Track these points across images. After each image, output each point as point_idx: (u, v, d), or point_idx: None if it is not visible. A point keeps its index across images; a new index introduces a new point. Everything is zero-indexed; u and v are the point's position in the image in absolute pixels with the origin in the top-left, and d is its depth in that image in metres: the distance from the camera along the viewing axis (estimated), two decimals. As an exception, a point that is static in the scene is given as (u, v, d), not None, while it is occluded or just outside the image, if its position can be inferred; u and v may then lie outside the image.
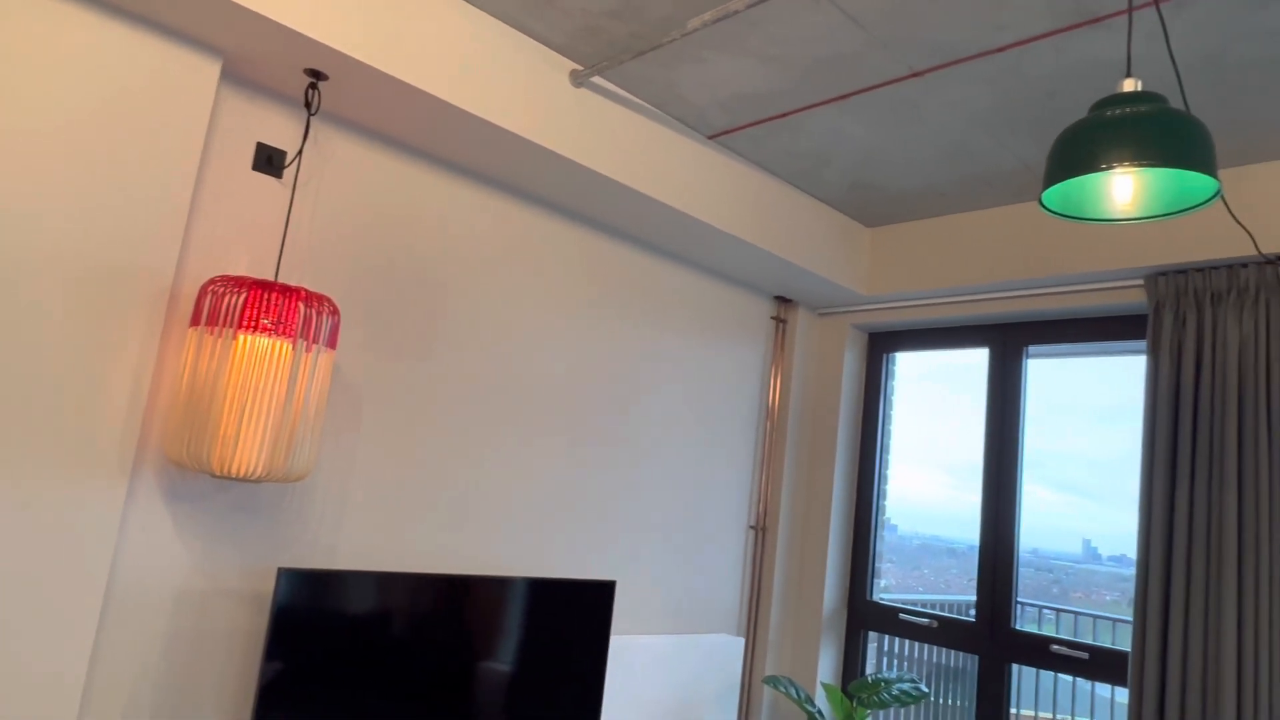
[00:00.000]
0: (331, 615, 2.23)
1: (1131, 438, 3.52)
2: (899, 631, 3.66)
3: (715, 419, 3.66)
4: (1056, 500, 3.62)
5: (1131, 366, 3.33)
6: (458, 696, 2.45)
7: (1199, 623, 2.64)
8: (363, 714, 2.26)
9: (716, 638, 3.51)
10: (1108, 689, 5.27)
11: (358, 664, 2.26)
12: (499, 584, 2.57)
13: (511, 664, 2.58)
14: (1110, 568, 5.01)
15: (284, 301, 2.08)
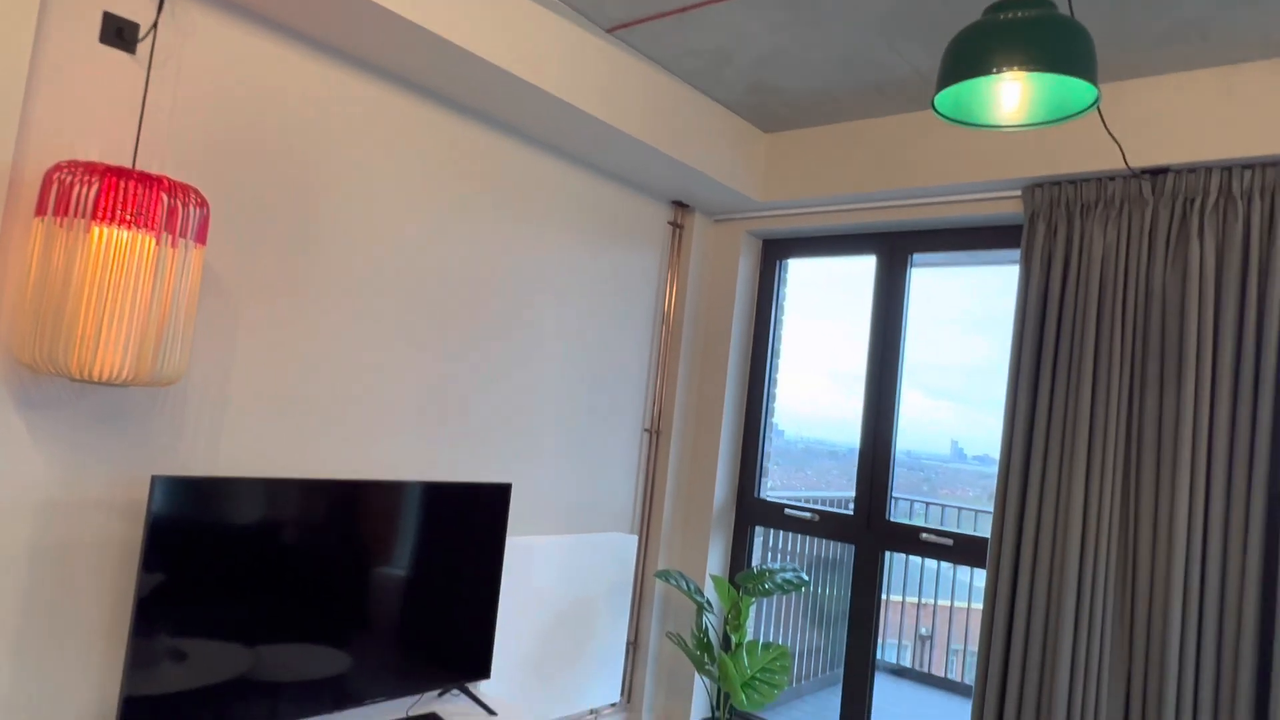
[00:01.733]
0: (214, 525, 2.15)
1: (999, 346, 3.74)
2: (783, 525, 3.85)
3: (611, 323, 3.66)
4: (929, 405, 3.83)
5: (1005, 277, 3.50)
6: (351, 604, 2.43)
7: (1050, 513, 2.88)
8: (252, 626, 2.22)
9: (611, 536, 3.61)
10: (968, 573, 5.75)
11: (245, 575, 2.21)
12: (392, 489, 2.54)
13: (407, 569, 2.57)
14: (974, 466, 5.41)
15: (144, 192, 1.91)
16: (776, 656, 3.40)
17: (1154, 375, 2.76)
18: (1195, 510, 2.63)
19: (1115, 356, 2.81)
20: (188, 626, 2.09)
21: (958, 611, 5.78)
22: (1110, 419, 2.80)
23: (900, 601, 5.88)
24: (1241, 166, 2.66)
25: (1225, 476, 2.61)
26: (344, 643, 2.42)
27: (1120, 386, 2.81)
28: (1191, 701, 2.58)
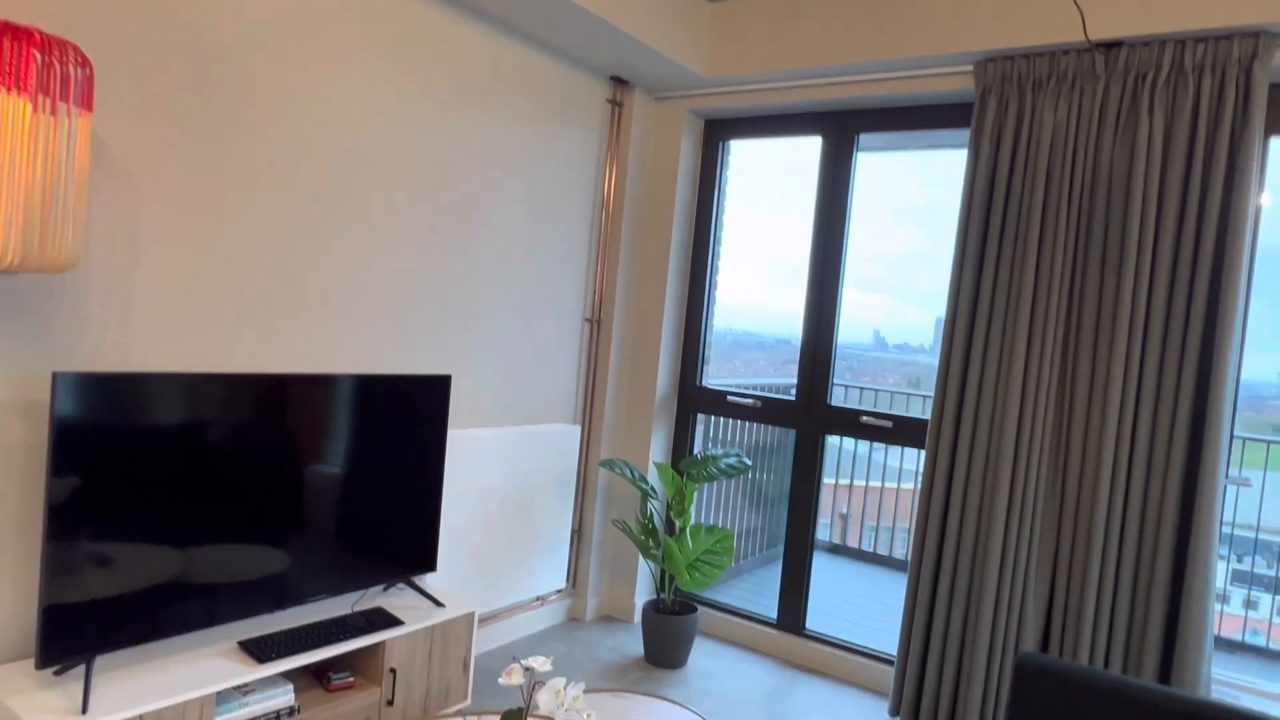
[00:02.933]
0: (129, 424, 1.99)
1: (929, 236, 3.72)
2: (725, 413, 3.86)
3: (550, 209, 3.49)
4: (854, 295, 3.82)
5: (946, 164, 3.44)
6: (286, 503, 2.33)
7: (990, 393, 2.93)
8: (179, 528, 2.10)
9: (553, 427, 3.56)
10: (882, 454, 5.94)
11: (168, 476, 2.07)
12: (324, 382, 2.40)
13: (344, 465, 2.47)
14: (894, 355, 5.52)
15: (14, 48, 1.66)
16: (720, 539, 3.46)
17: (1096, 256, 2.77)
18: (1128, 390, 2.70)
19: (1060, 237, 2.80)
20: (109, 531, 1.97)
21: (873, 491, 6.01)
22: (1052, 301, 2.82)
23: (833, 484, 6.08)
24: (1194, 40, 2.60)
25: (1158, 357, 2.67)
26: (280, 542, 2.33)
27: (1063, 268, 2.82)
28: (1114, 568, 2.72)
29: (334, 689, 2.36)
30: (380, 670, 2.42)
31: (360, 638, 2.35)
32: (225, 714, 2.07)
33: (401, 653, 2.46)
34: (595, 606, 3.90)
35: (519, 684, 1.57)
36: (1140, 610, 2.69)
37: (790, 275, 3.80)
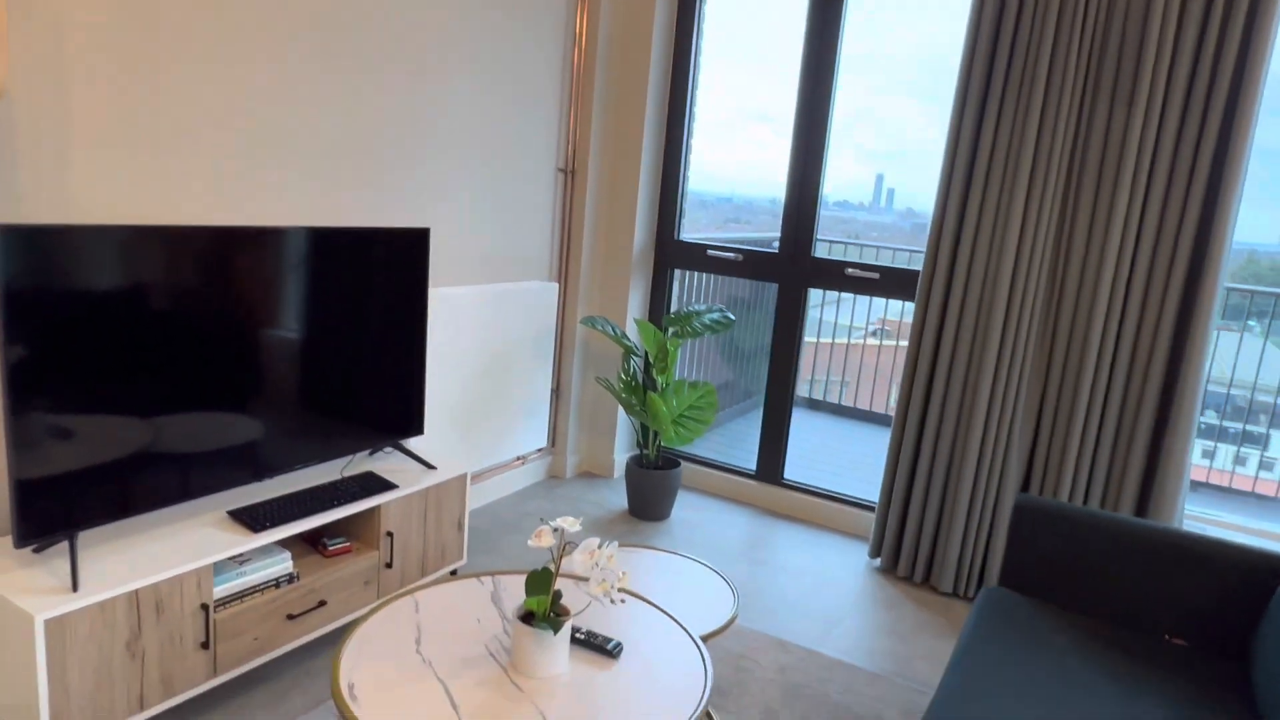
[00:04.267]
0: (84, 283, 1.78)
1: (870, 91, 3.54)
2: (705, 268, 3.74)
3: (519, 50, 3.19)
4: (841, 150, 3.66)
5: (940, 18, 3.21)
6: (260, 368, 2.17)
7: (986, 243, 2.86)
8: (142, 397, 1.94)
9: (530, 285, 3.41)
10: (849, 314, 5.95)
11: (130, 341, 1.88)
12: (301, 237, 2.19)
13: (323, 327, 2.30)
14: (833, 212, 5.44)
15: None
16: (703, 394, 3.43)
17: (1106, 91, 2.65)
18: (1129, 233, 2.66)
19: (1069, 73, 2.67)
20: (72, 401, 1.80)
21: (853, 349, 6.07)
22: (1056, 143, 2.71)
23: (814, 342, 6.12)
24: None
25: (1161, 199, 2.62)
26: (256, 409, 2.19)
27: (1070, 106, 2.69)
28: (1100, 412, 2.77)
29: (331, 554, 2.30)
30: (376, 534, 2.36)
31: (355, 503, 2.27)
32: (223, 584, 1.99)
33: (396, 516, 2.40)
34: (575, 464, 3.89)
35: (549, 545, 1.51)
36: (1122, 452, 2.77)
37: (769, 127, 3.61)
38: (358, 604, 2.33)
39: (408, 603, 1.78)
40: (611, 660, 1.63)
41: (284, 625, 2.12)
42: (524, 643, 1.53)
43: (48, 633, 1.63)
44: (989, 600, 2.13)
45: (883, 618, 2.86)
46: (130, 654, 1.78)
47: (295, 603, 2.14)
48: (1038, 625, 2.03)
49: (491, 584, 1.89)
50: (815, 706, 2.31)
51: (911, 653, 2.64)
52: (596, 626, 1.76)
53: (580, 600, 1.85)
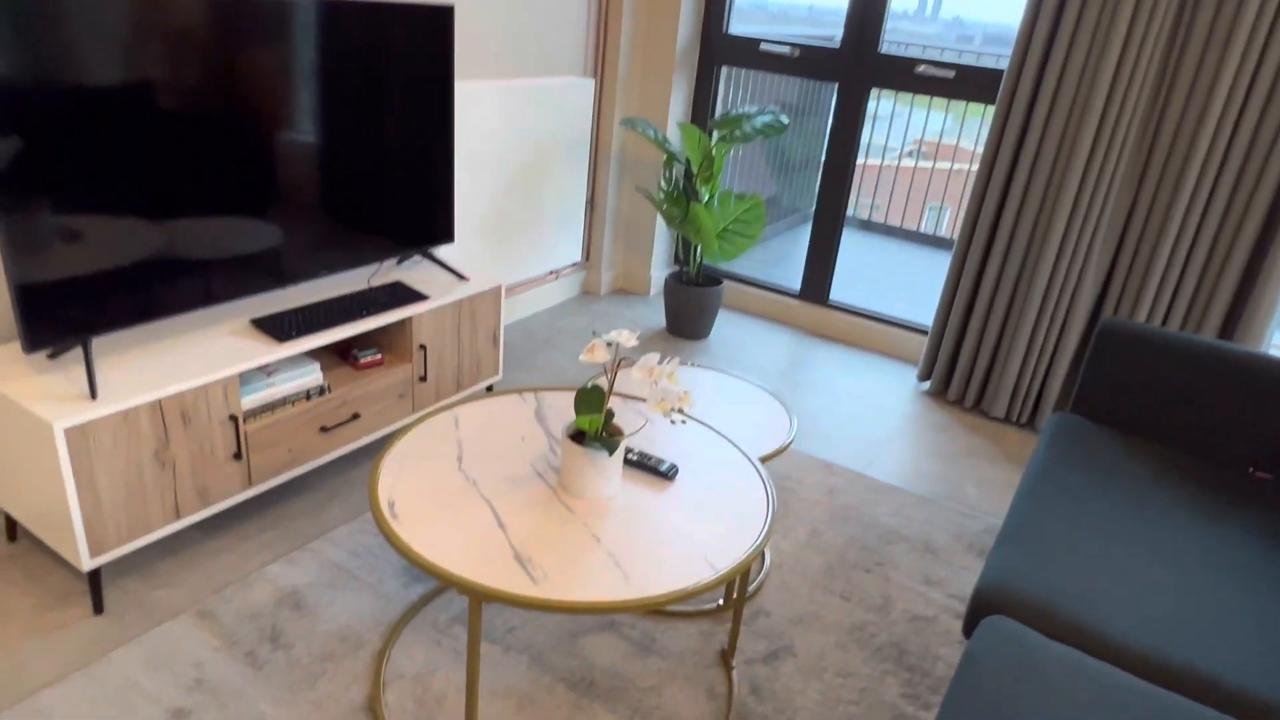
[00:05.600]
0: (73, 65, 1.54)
1: None
2: (756, 65, 3.38)
3: None
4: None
5: None
6: (281, 167, 1.95)
7: (1085, 41, 2.49)
8: (151, 199, 1.74)
9: (564, 80, 3.09)
10: (901, 134, 5.53)
11: (127, 131, 1.66)
12: (313, 9, 1.90)
13: (340, 122, 2.06)
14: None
15: None
16: (750, 207, 3.19)
17: None
18: (1254, 43, 2.28)
19: None
20: (70, 202, 1.61)
21: (870, 169, 5.69)
22: (1188, -93, 2.28)
23: (878, 166, 5.74)
24: None
25: (1306, -22, 2.23)
26: (274, 212, 2.00)
27: None
28: (1194, 230, 2.51)
29: (362, 367, 2.19)
30: (409, 347, 2.23)
31: (385, 313, 2.12)
32: (251, 395, 1.89)
33: (429, 328, 2.26)
34: (610, 280, 3.72)
35: (602, 361, 1.36)
36: (1212, 275, 2.53)
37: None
38: (393, 417, 2.24)
39: (446, 418, 1.66)
40: (666, 482, 1.53)
41: (317, 438, 2.04)
42: (575, 463, 1.42)
43: (69, 442, 1.54)
44: (1061, 427, 2.00)
45: (931, 441, 2.76)
46: (160, 464, 1.71)
47: (328, 415, 2.05)
48: (1113, 453, 1.90)
49: (534, 400, 1.77)
50: (863, 528, 2.25)
51: (961, 477, 2.56)
52: (649, 447, 1.64)
53: (632, 420, 1.73)
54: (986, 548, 2.21)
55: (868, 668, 1.77)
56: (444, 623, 1.78)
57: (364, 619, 1.76)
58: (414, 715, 1.54)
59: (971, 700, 1.17)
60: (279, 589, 1.81)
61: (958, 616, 1.95)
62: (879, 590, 2.02)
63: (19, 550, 1.85)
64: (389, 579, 1.88)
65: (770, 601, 1.94)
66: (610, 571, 1.27)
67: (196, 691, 1.55)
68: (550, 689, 1.63)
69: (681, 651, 1.76)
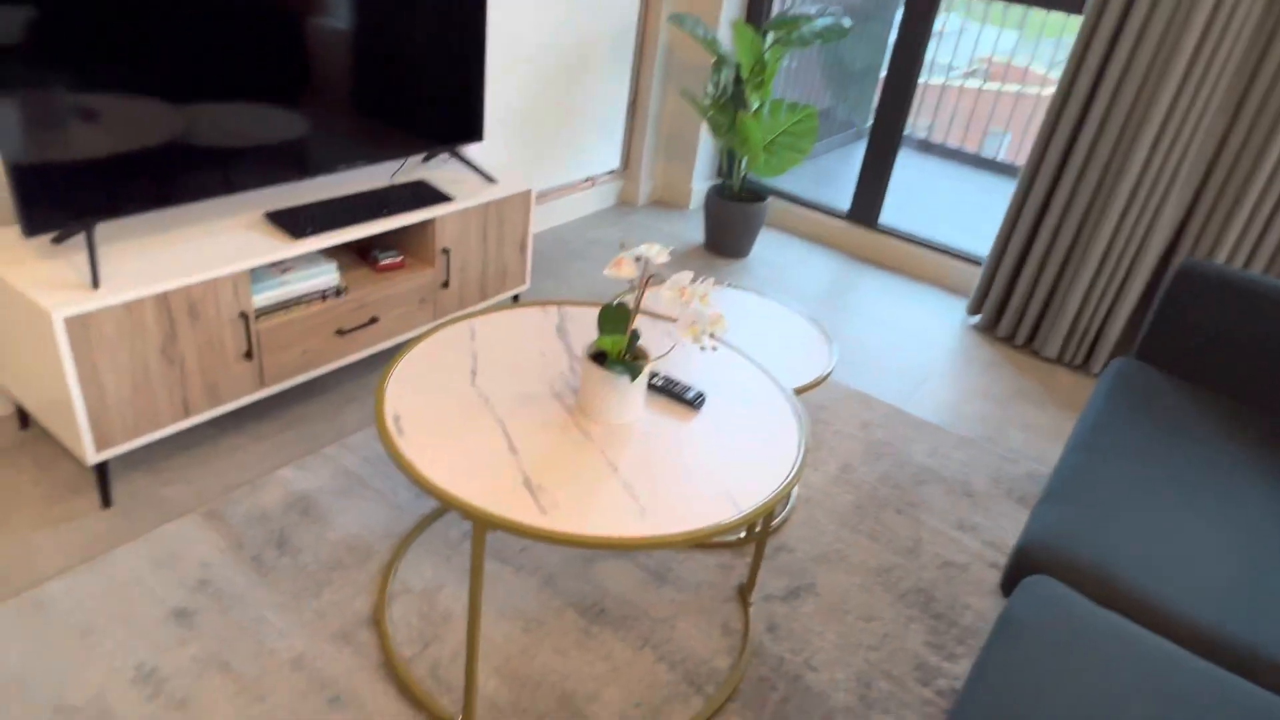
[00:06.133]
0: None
1: None
2: (819, -39, 3.10)
3: None
4: None
5: None
6: (297, 51, 1.81)
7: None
8: (171, 80, 1.62)
9: (610, -30, 2.86)
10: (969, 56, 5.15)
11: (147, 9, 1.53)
12: None
13: (364, 9, 1.90)
14: None
15: None
16: (802, 118, 2.98)
17: None
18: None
19: None
20: (78, 79, 1.50)
21: (931, 89, 5.34)
22: None
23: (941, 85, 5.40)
24: None
25: None
26: (294, 99, 1.87)
27: None
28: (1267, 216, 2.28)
29: (382, 269, 2.09)
30: (432, 250, 2.12)
31: (407, 213, 2.01)
32: (264, 293, 1.81)
33: (453, 231, 2.15)
34: (649, 190, 3.55)
35: (629, 277, 1.24)
36: (1307, 216, 2.31)
37: None
38: (413, 323, 2.15)
39: (463, 329, 1.57)
40: (692, 411, 1.42)
41: (333, 340, 1.96)
42: (594, 386, 1.32)
43: (70, 332, 1.47)
44: (1123, 373, 1.85)
45: (977, 379, 2.62)
46: (167, 360, 1.64)
47: (345, 318, 1.97)
48: (1179, 405, 1.76)
49: (557, 314, 1.66)
50: (897, 466, 2.14)
51: (1005, 418, 2.43)
52: (675, 373, 1.54)
53: (659, 342, 1.61)
54: (1027, 495, 2.10)
55: (891, 612, 1.70)
56: (455, 539, 1.72)
57: (374, 530, 1.71)
58: (418, 631, 1.50)
59: (1008, 665, 1.08)
60: (290, 493, 1.77)
61: (992, 566, 1.86)
62: (909, 532, 1.92)
63: (30, 438, 1.82)
64: (402, 489, 1.83)
65: (794, 537, 1.86)
66: (625, 505, 1.18)
67: (200, 592, 1.52)
68: (559, 613, 1.58)
69: (698, 584, 1.70)
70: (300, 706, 1.34)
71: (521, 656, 1.49)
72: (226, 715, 1.32)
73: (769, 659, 1.55)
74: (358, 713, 1.34)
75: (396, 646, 1.46)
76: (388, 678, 1.41)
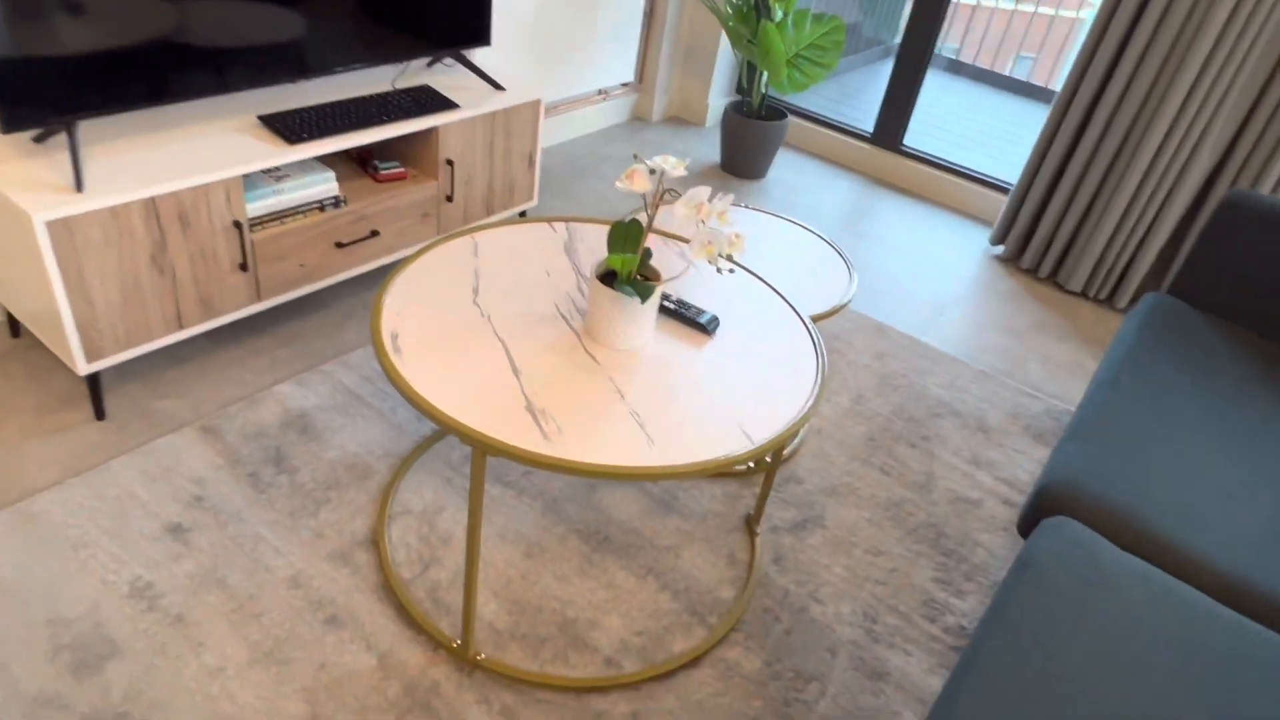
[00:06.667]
0: None
1: None
2: None
3: None
4: None
5: None
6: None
7: None
8: None
9: None
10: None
11: None
12: None
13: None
14: None
15: None
16: (829, 30, 2.81)
17: None
18: None
19: None
20: None
21: (989, 11, 5.09)
22: None
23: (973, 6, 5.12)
24: None
25: None
26: None
27: None
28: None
29: (383, 179, 2.00)
30: (435, 161, 2.02)
31: (409, 120, 1.90)
32: (258, 201, 1.72)
33: (458, 141, 2.04)
34: (663, 106, 3.41)
35: (642, 191, 1.16)
36: (1360, 148, 2.18)
37: None
38: (415, 238, 2.07)
39: (465, 244, 1.49)
40: (705, 337, 1.35)
41: (332, 253, 1.89)
42: (602, 307, 1.25)
43: (53, 236, 1.40)
44: (1155, 309, 1.77)
45: (997, 311, 2.53)
46: (158, 269, 1.57)
47: (343, 230, 1.89)
48: (1214, 343, 1.68)
49: (565, 231, 1.58)
50: (912, 399, 2.09)
51: (1026, 353, 2.36)
52: (687, 295, 1.46)
53: (672, 263, 1.54)
54: (1044, 432, 2.04)
55: (900, 547, 1.66)
56: (457, 460, 1.68)
57: (373, 449, 1.67)
58: (417, 552, 1.47)
59: (1026, 607, 1.04)
60: (287, 410, 1.72)
61: (1005, 503, 1.81)
62: (922, 466, 1.88)
63: (21, 346, 1.77)
64: (401, 409, 1.78)
65: (804, 468, 1.81)
66: (633, 433, 1.12)
67: (195, 508, 1.48)
68: (562, 539, 1.55)
69: (704, 513, 1.66)
70: (297, 624, 1.32)
71: (522, 581, 1.46)
72: (222, 632, 1.30)
73: (774, 590, 1.52)
74: (355, 632, 1.32)
75: (395, 568, 1.44)
76: (386, 599, 1.38)
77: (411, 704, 1.24)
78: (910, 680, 1.41)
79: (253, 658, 1.27)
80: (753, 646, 1.41)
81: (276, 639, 1.30)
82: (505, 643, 1.35)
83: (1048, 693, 0.94)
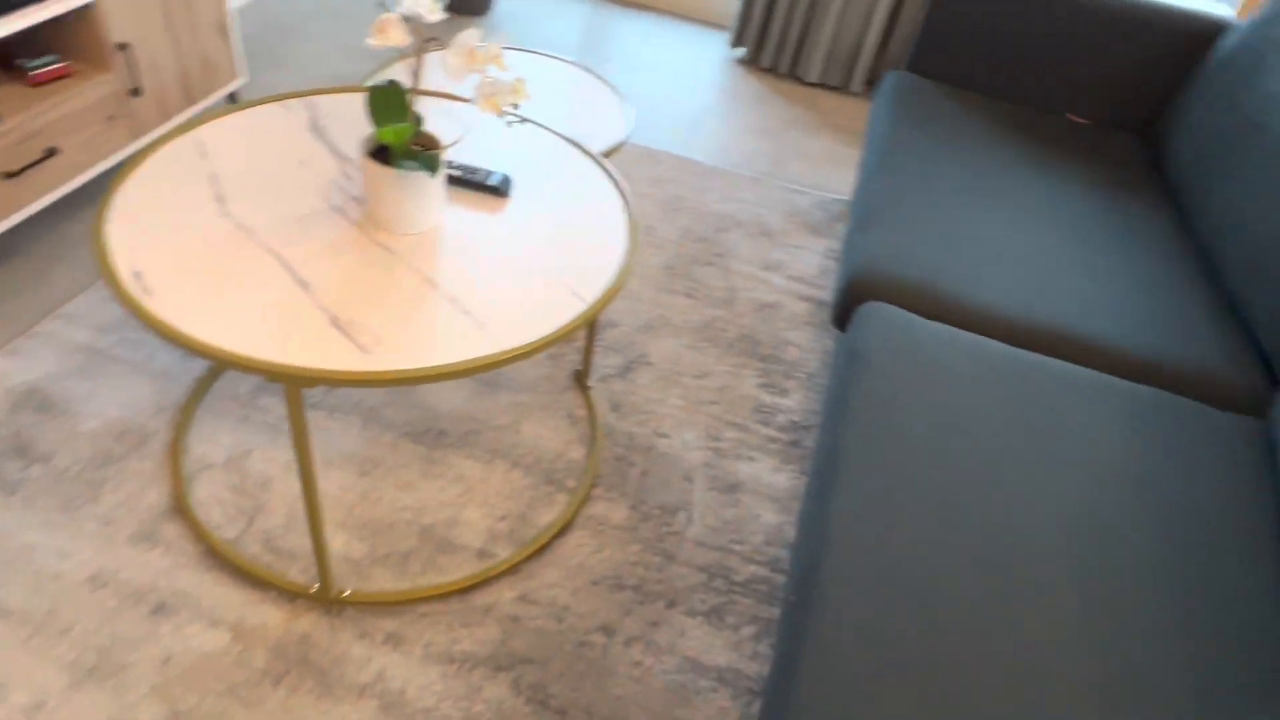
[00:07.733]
0: None
1: None
2: None
3: None
4: None
5: None
6: None
7: None
8: None
9: None
10: None
11: None
12: None
13: None
14: None
15: None
16: None
17: None
18: None
19: None
20: None
21: None
22: None
23: None
24: None
25: None
26: None
27: None
28: None
29: (40, 81, 1.59)
30: (102, 47, 1.64)
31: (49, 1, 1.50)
32: (-128, 137, 1.31)
33: (126, 18, 1.66)
34: (357, -57, 2.97)
35: (397, 44, 0.99)
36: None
37: None
38: (107, 149, 1.70)
39: (187, 145, 1.23)
40: (500, 200, 1.24)
41: (6, 187, 1.51)
42: (384, 189, 1.09)
43: None
44: (899, 87, 1.86)
45: (748, 115, 2.58)
46: None
47: (8, 154, 1.50)
48: (957, 113, 1.81)
49: (304, 109, 1.35)
50: (696, 219, 2.10)
51: (782, 152, 2.43)
52: (465, 158, 1.32)
53: (441, 125, 1.37)
54: (818, 224, 2.15)
55: (722, 365, 1.72)
56: (246, 394, 1.49)
57: (140, 408, 1.43)
58: (236, 507, 1.31)
59: (865, 392, 1.11)
60: (10, 389, 1.42)
61: (803, 299, 1.91)
62: (722, 282, 1.92)
63: None
64: (160, 353, 1.52)
65: (615, 311, 1.79)
66: (459, 322, 1.02)
67: (-69, 536, 1.21)
68: (394, 446, 1.44)
69: (533, 380, 1.61)
70: (118, 627, 1.14)
71: (364, 503, 1.35)
72: (24, 663, 1.09)
73: (620, 438, 1.53)
74: (192, 613, 1.17)
75: (214, 530, 1.27)
76: (216, 567, 1.23)
77: (287, 665, 1.14)
78: (762, 483, 1.50)
79: (75, 679, 1.09)
80: (615, 497, 1.43)
81: (99, 649, 1.12)
82: (367, 571, 1.26)
83: (916, 468, 1.02)
